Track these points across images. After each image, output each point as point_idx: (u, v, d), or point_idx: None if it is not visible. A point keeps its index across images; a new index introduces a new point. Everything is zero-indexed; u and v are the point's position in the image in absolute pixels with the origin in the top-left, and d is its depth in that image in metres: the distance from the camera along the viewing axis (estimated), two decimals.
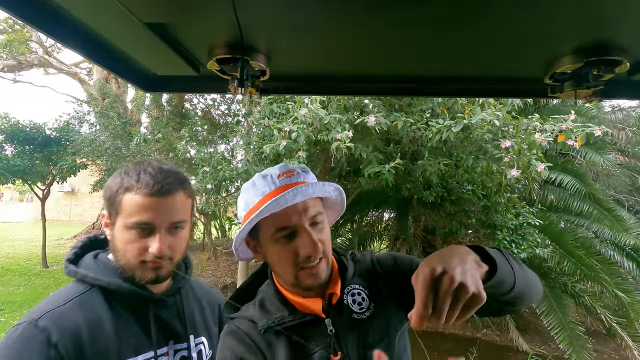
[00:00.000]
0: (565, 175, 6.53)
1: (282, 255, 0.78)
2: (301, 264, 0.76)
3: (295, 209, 0.76)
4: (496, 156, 4.19)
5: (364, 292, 0.85)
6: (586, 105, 6.88)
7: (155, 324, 0.86)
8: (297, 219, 0.76)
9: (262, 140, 4.90)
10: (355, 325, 0.80)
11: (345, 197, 0.90)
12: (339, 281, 0.84)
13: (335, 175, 7.24)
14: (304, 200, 0.77)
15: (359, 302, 0.83)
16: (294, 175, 0.81)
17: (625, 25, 0.61)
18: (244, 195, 0.83)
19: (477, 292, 0.55)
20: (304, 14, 0.61)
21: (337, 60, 0.83)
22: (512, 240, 4.96)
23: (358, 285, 0.86)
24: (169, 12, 0.63)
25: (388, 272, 0.88)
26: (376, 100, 4.44)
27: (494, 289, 0.64)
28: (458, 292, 0.55)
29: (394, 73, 0.88)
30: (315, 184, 0.79)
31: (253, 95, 0.80)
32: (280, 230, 0.77)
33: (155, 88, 0.96)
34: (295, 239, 0.77)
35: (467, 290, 0.55)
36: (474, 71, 0.86)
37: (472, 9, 0.58)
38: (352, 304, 0.83)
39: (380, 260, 0.91)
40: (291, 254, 0.77)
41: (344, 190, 0.88)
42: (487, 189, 5.06)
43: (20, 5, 0.58)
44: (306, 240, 0.76)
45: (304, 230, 0.76)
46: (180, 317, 0.91)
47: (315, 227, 0.78)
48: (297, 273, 0.77)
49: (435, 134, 4.05)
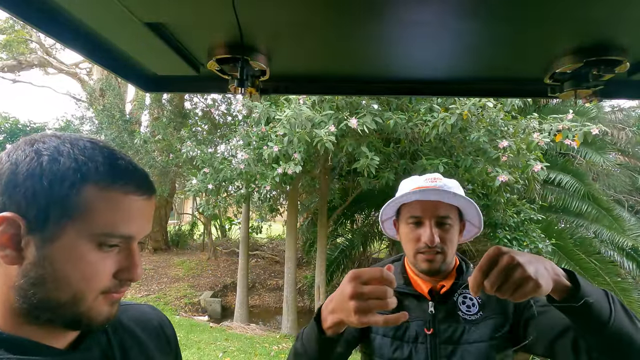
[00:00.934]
0: (565, 175, 6.54)
1: (409, 237, 1.00)
2: (420, 249, 0.97)
3: (427, 205, 0.97)
4: (494, 157, 4.20)
5: (476, 300, 0.98)
6: (586, 106, 6.88)
7: None
8: (426, 212, 0.97)
9: (262, 140, 4.90)
10: (456, 319, 0.95)
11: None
12: (453, 280, 1.01)
13: (336, 175, 7.24)
14: (436, 202, 0.97)
15: (468, 305, 0.97)
16: (436, 181, 1.02)
17: (625, 25, 0.61)
18: (401, 186, 1.09)
19: (534, 277, 0.61)
20: (304, 14, 0.61)
21: (337, 60, 0.83)
22: (513, 238, 4.97)
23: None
24: (169, 12, 0.63)
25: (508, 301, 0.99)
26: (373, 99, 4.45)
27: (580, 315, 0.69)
28: (514, 270, 0.61)
29: (394, 73, 0.88)
30: (446, 192, 0.96)
31: (253, 95, 0.80)
32: (411, 217, 1.00)
33: (155, 88, 0.95)
34: (420, 228, 0.98)
35: (524, 271, 0.61)
36: (474, 71, 0.86)
37: (472, 9, 0.58)
38: (460, 304, 0.98)
39: None
40: (415, 238, 0.98)
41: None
42: (487, 188, 5.06)
43: (20, 5, 0.58)
44: (427, 231, 0.96)
45: (428, 222, 0.97)
46: None
47: (441, 227, 0.97)
48: (416, 255, 0.98)
49: (432, 128, 4.06)
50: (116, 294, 0.53)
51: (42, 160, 0.47)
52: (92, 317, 0.51)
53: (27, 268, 0.48)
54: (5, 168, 0.48)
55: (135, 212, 0.52)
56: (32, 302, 0.48)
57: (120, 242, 0.51)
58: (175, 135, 7.46)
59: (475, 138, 4.08)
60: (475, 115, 3.99)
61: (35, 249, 0.47)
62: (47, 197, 0.47)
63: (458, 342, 0.92)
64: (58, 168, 0.47)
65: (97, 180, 0.49)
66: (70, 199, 0.47)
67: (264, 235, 14.15)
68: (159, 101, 9.03)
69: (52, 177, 0.47)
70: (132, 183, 0.51)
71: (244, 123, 6.20)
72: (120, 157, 0.52)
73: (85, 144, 0.51)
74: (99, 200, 0.49)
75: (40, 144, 0.49)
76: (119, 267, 0.52)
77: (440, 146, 4.81)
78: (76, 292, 0.49)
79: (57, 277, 0.48)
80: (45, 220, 0.47)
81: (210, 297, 8.88)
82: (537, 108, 7.16)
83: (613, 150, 7.84)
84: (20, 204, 0.47)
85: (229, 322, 7.61)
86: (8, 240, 0.47)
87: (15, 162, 0.48)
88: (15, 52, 11.52)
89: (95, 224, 0.49)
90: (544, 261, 0.67)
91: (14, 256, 0.47)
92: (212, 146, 7.96)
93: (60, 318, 0.50)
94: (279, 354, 5.75)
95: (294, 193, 7.22)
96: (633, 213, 7.70)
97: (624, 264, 6.38)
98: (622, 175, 7.94)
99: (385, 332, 0.97)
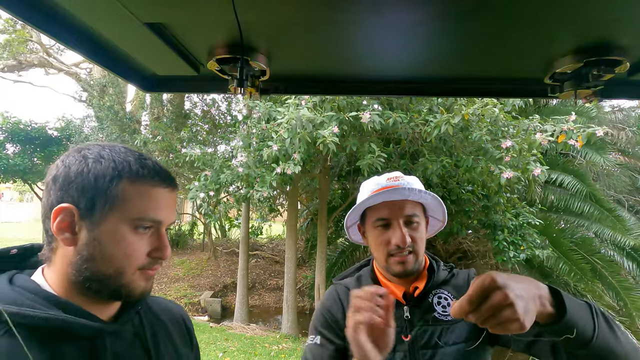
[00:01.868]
0: (566, 176, 6.54)
1: (378, 240, 0.96)
2: (392, 251, 0.93)
3: (393, 205, 0.95)
4: (496, 156, 4.19)
5: (450, 300, 0.96)
6: (586, 106, 6.88)
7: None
8: (393, 213, 0.94)
9: (262, 141, 4.90)
10: (433, 321, 0.92)
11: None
12: (425, 280, 0.98)
13: (335, 175, 7.24)
14: (402, 200, 0.95)
15: (443, 305, 0.95)
16: (398, 180, 0.99)
17: (625, 25, 0.61)
18: (361, 190, 1.05)
19: (522, 320, 0.57)
20: (304, 14, 0.61)
21: (337, 61, 0.83)
22: (512, 241, 4.96)
23: (447, 293, 0.97)
24: (169, 12, 0.63)
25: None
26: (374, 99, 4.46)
27: (563, 335, 0.65)
28: (505, 310, 0.57)
29: (394, 73, 0.88)
30: (412, 189, 0.94)
31: (253, 95, 0.80)
32: (378, 220, 0.96)
33: (155, 88, 0.95)
34: (389, 230, 0.95)
35: (513, 312, 0.57)
36: (474, 71, 0.86)
37: (472, 9, 0.58)
38: (436, 305, 0.95)
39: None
40: (385, 241, 0.95)
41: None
42: (488, 189, 5.06)
43: (20, 5, 0.58)
44: (397, 232, 0.93)
45: (397, 223, 0.94)
46: (143, 350, 0.69)
47: (409, 226, 0.95)
48: (388, 258, 0.95)
49: (434, 128, 4.06)
50: (150, 271, 0.65)
51: (88, 162, 0.61)
52: (132, 289, 0.63)
53: (80, 248, 0.60)
54: (61, 170, 0.61)
55: (162, 201, 0.64)
56: (85, 275, 0.60)
57: (151, 225, 0.64)
58: (176, 135, 7.46)
59: (477, 137, 4.07)
60: (476, 115, 3.99)
61: (86, 232, 0.60)
62: (93, 190, 0.60)
63: (436, 345, 0.90)
64: (100, 167, 0.61)
65: (130, 176, 0.62)
66: (111, 191, 0.60)
67: (264, 235, 14.15)
68: (159, 101, 9.04)
69: (97, 174, 0.60)
70: (157, 177, 0.64)
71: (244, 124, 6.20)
72: (147, 158, 0.66)
73: (120, 149, 0.65)
74: (132, 192, 0.61)
75: (86, 150, 0.63)
76: (152, 247, 0.64)
77: (440, 146, 4.81)
78: (118, 267, 0.61)
79: (104, 255, 0.60)
80: (93, 208, 0.60)
81: (210, 297, 8.88)
82: (538, 108, 7.16)
83: (613, 150, 7.84)
84: (73, 196, 0.60)
85: (229, 322, 7.61)
86: (66, 226, 0.60)
87: (68, 165, 0.61)
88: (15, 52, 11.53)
89: (130, 211, 0.61)
90: (532, 289, 0.62)
91: (70, 239, 0.60)
92: (212, 146, 7.96)
93: (106, 289, 0.62)
94: (279, 354, 5.75)
95: (294, 193, 7.22)
96: (633, 213, 7.70)
97: (624, 263, 6.38)
98: (622, 175, 7.94)
99: None
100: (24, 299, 0.59)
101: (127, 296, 0.63)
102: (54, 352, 0.57)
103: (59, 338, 0.59)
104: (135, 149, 0.71)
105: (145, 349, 0.69)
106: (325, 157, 5.43)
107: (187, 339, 0.82)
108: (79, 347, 0.60)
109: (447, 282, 1.00)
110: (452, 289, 0.99)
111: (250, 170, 4.88)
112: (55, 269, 0.63)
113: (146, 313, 0.74)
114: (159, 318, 0.77)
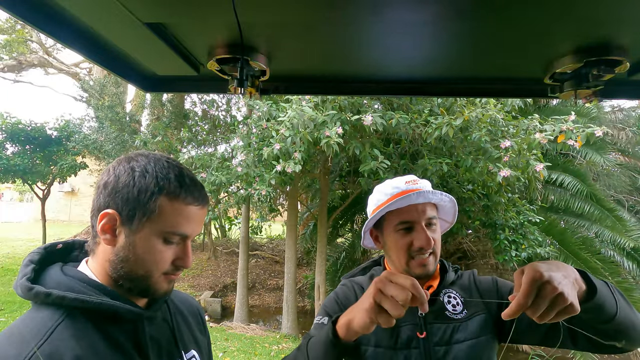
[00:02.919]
0: (567, 176, 6.53)
1: (399, 244, 0.96)
2: (414, 253, 0.94)
3: (416, 208, 0.96)
4: (495, 156, 4.19)
5: (459, 299, 0.99)
6: (586, 106, 6.88)
7: (151, 344, 0.74)
8: (417, 216, 0.95)
9: (262, 141, 4.90)
10: (445, 319, 0.95)
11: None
12: (438, 280, 1.01)
13: (336, 175, 7.24)
14: (424, 204, 0.96)
15: (453, 304, 0.98)
16: (417, 183, 1.00)
17: (625, 25, 0.61)
18: (376, 194, 1.05)
19: (573, 303, 0.63)
20: (304, 14, 0.61)
21: (337, 61, 0.83)
22: (513, 240, 4.96)
23: (455, 292, 1.01)
24: (169, 12, 0.63)
25: (487, 290, 1.01)
26: (375, 100, 4.45)
27: (593, 312, 0.74)
28: (557, 299, 0.63)
29: (394, 73, 0.88)
30: (434, 192, 0.96)
31: (253, 95, 0.80)
32: (401, 224, 0.96)
33: (155, 88, 0.95)
34: (412, 232, 0.95)
35: (564, 300, 0.63)
36: (474, 71, 0.86)
37: (471, 9, 0.58)
38: (447, 304, 0.98)
39: (482, 281, 1.05)
40: (407, 244, 0.95)
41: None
42: (488, 188, 5.06)
43: (20, 5, 0.58)
44: (421, 234, 0.94)
45: (420, 226, 0.95)
46: (170, 332, 0.81)
47: (429, 228, 0.96)
48: (409, 261, 0.95)
49: (435, 129, 4.06)
50: (173, 276, 0.73)
51: (134, 175, 0.69)
52: (156, 290, 0.72)
53: (118, 249, 0.69)
54: (111, 178, 0.69)
55: (192, 218, 0.72)
56: (120, 274, 0.70)
57: (179, 239, 0.71)
58: (176, 135, 7.46)
59: (477, 137, 4.08)
60: (476, 115, 3.99)
61: (124, 236, 0.68)
62: (135, 202, 0.68)
63: (449, 342, 0.92)
64: (144, 182, 0.68)
65: (168, 193, 0.69)
66: (150, 205, 0.68)
67: (264, 235, 14.14)
68: (159, 101, 9.03)
69: (140, 188, 0.68)
70: (191, 196, 0.71)
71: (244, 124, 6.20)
72: (186, 174, 0.72)
73: (164, 164, 0.71)
74: (168, 208, 0.69)
75: (134, 162, 0.71)
76: (176, 256, 0.72)
77: (440, 146, 4.81)
78: (147, 270, 0.70)
79: (137, 258, 0.69)
80: (133, 218, 0.68)
81: (210, 297, 8.88)
82: (538, 108, 7.15)
83: (613, 150, 7.84)
84: (118, 204, 0.68)
85: (229, 322, 7.61)
86: (109, 228, 0.68)
87: (118, 174, 0.69)
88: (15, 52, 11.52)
89: (164, 224, 0.69)
90: (570, 272, 0.68)
91: (111, 240, 0.69)
92: (212, 146, 7.96)
93: (136, 287, 0.71)
94: (279, 354, 5.75)
95: (294, 193, 7.22)
96: (633, 213, 7.70)
97: (624, 264, 6.37)
98: (622, 175, 7.93)
99: (377, 343, 0.94)
100: (79, 286, 0.68)
101: (152, 295, 0.73)
102: (106, 333, 0.67)
103: (108, 321, 0.68)
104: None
105: (172, 332, 0.80)
106: (325, 157, 5.42)
107: (202, 327, 0.94)
108: (123, 329, 0.70)
109: (454, 283, 1.03)
110: (459, 289, 1.01)
111: (249, 169, 4.88)
112: (96, 262, 0.72)
113: (170, 303, 0.85)
114: (180, 310, 0.89)
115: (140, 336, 0.72)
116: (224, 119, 8.62)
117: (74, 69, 12.83)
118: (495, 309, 0.97)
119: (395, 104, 4.83)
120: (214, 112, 8.63)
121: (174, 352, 0.79)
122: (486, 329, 0.94)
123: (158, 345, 0.76)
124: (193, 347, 0.86)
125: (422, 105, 4.63)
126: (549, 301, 0.63)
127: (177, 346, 0.80)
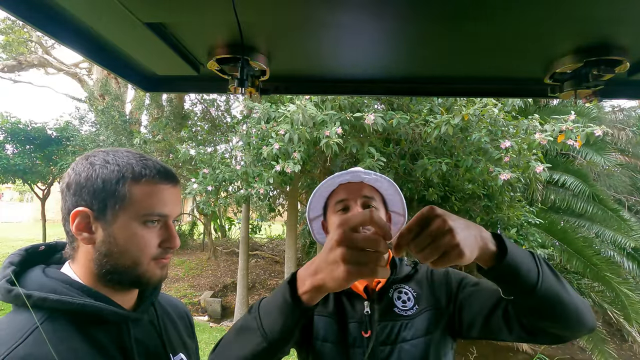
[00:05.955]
0: (568, 176, 6.53)
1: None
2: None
3: (349, 187, 0.95)
4: (496, 157, 4.19)
5: (411, 294, 0.94)
6: (586, 106, 6.88)
7: (136, 347, 0.71)
8: (350, 194, 0.94)
9: (262, 141, 4.90)
10: (393, 317, 0.91)
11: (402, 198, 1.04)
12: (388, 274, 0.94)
13: None
14: (359, 183, 0.95)
15: (403, 300, 0.94)
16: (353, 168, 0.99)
17: (625, 25, 0.61)
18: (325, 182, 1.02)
19: (461, 246, 0.56)
20: (304, 14, 0.61)
21: (337, 61, 0.83)
22: (514, 241, 4.95)
23: (408, 287, 0.97)
24: (169, 12, 0.62)
25: (438, 283, 0.97)
26: (375, 99, 4.45)
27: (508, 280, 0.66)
28: (444, 236, 0.57)
29: (394, 73, 0.88)
30: (367, 172, 0.95)
31: (253, 95, 0.80)
32: (338, 203, 0.96)
33: (155, 88, 0.95)
34: (347, 213, 0.93)
35: (452, 238, 0.56)
36: (474, 71, 0.86)
37: (471, 9, 0.58)
38: (396, 300, 0.94)
39: (434, 272, 1.01)
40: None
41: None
42: (489, 188, 5.05)
43: (20, 5, 0.58)
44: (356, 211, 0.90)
45: (355, 205, 0.93)
46: (157, 335, 0.78)
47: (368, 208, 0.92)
48: None
49: (434, 128, 4.06)
50: (163, 260, 0.71)
51: (95, 168, 0.68)
52: (149, 277, 0.70)
53: (99, 245, 0.67)
54: (73, 177, 0.68)
55: (166, 197, 0.70)
56: (107, 269, 0.68)
57: (158, 219, 0.70)
58: (175, 135, 7.46)
59: (477, 138, 4.07)
60: (475, 116, 3.98)
61: (102, 230, 0.67)
62: (103, 193, 0.66)
63: (395, 341, 0.88)
64: (107, 172, 0.67)
65: (134, 176, 0.68)
66: (118, 192, 0.66)
67: (264, 235, 14.14)
68: (159, 101, 9.03)
69: (104, 178, 0.67)
70: (159, 175, 0.70)
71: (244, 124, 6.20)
72: (148, 158, 0.71)
73: (123, 153, 0.71)
74: (137, 191, 0.67)
75: (92, 157, 0.70)
76: (161, 239, 0.70)
77: (440, 146, 4.80)
78: (134, 259, 0.68)
79: (120, 249, 0.67)
80: (105, 209, 0.66)
81: (210, 297, 8.88)
82: (538, 108, 7.15)
83: (613, 150, 7.83)
84: (86, 200, 0.66)
85: (229, 322, 7.61)
86: (84, 226, 0.67)
87: (78, 172, 0.68)
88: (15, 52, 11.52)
89: (138, 208, 0.67)
90: (473, 226, 0.63)
91: (89, 238, 0.67)
92: (211, 146, 7.96)
93: (126, 279, 0.69)
94: None
95: (294, 193, 7.22)
96: (633, 213, 7.70)
97: (625, 264, 6.37)
98: (622, 175, 7.93)
99: (325, 337, 0.90)
100: (62, 288, 0.66)
101: (146, 284, 0.71)
102: (88, 335, 0.65)
103: (91, 323, 0.66)
104: (136, 149, 0.72)
105: (159, 335, 0.78)
106: (326, 157, 5.42)
107: (190, 331, 0.92)
108: (107, 331, 0.68)
109: (410, 278, 0.99)
110: (414, 285, 0.97)
111: (249, 168, 4.88)
112: (79, 264, 0.70)
113: (158, 305, 0.83)
114: (168, 313, 0.87)
115: (125, 339, 0.69)
116: (224, 118, 8.63)
117: (74, 69, 12.83)
118: (445, 302, 0.92)
119: (395, 104, 4.83)
120: (214, 111, 8.64)
121: (162, 355, 0.77)
122: (437, 325, 0.89)
123: (145, 348, 0.73)
124: (181, 351, 0.83)
125: (422, 105, 4.63)
126: (433, 236, 0.56)
127: (164, 349, 0.77)
